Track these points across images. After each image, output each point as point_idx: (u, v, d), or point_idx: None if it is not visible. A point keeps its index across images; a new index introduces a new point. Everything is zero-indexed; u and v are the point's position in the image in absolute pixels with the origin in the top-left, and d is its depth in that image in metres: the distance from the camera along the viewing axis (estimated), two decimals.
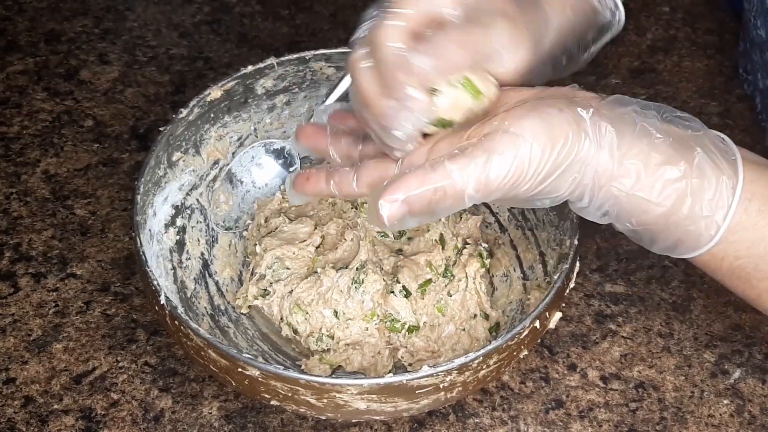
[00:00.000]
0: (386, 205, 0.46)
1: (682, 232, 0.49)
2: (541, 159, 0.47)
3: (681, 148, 0.48)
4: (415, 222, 0.47)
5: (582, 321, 0.66)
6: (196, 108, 0.64)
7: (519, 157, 0.46)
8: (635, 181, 0.48)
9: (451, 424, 0.60)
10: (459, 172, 0.46)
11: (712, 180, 0.48)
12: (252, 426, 0.60)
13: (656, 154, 0.48)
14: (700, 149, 0.48)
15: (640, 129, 0.48)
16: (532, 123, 0.47)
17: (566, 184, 0.48)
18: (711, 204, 0.48)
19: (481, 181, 0.46)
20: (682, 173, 0.48)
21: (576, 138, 0.47)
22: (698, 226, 0.48)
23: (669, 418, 0.60)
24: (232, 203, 0.68)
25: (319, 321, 0.61)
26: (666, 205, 0.48)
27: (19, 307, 0.66)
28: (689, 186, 0.48)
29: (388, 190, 0.46)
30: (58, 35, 0.87)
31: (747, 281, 0.51)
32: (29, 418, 0.60)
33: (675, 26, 0.88)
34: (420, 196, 0.46)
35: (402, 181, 0.47)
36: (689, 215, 0.48)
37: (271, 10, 0.90)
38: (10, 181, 0.74)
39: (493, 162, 0.46)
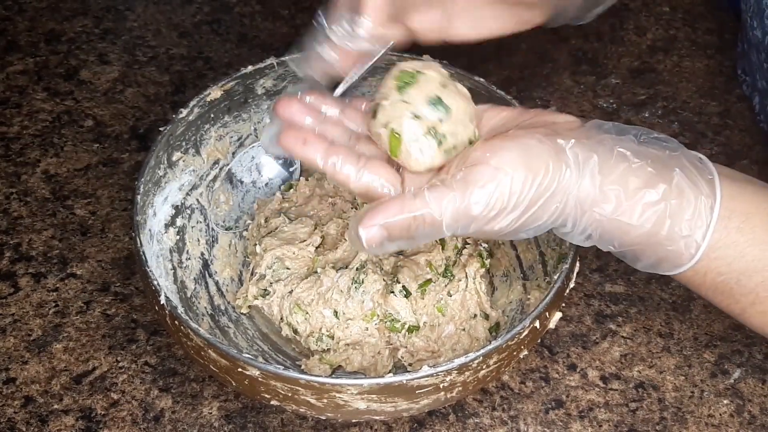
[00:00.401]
0: (364, 231, 0.47)
1: (663, 251, 0.50)
2: (521, 191, 0.47)
3: (659, 170, 0.49)
4: (394, 246, 0.48)
5: (582, 321, 0.66)
6: (196, 108, 0.64)
7: (499, 189, 0.47)
8: (615, 206, 0.48)
9: (451, 424, 0.60)
10: (436, 202, 0.47)
11: (691, 200, 0.49)
12: (252, 426, 0.60)
13: (635, 178, 0.49)
14: (678, 169, 0.49)
15: (618, 154, 0.49)
16: (511, 155, 0.48)
17: (548, 213, 0.49)
18: (690, 224, 0.49)
19: (460, 212, 0.47)
20: (660, 196, 0.48)
21: (557, 168, 0.48)
22: (678, 245, 0.49)
23: (669, 417, 0.60)
24: (232, 203, 0.68)
25: (319, 321, 0.61)
26: (646, 227, 0.49)
27: (19, 307, 0.66)
28: (668, 207, 0.48)
29: (367, 216, 0.47)
30: (58, 35, 0.87)
31: (730, 296, 0.52)
32: (29, 418, 0.60)
33: (675, 26, 0.89)
34: (399, 222, 0.47)
35: (382, 207, 0.48)
36: (669, 236, 0.49)
37: (271, 10, 0.90)
38: (10, 181, 0.74)
39: (473, 194, 0.47)
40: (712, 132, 0.79)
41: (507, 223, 0.48)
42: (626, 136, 0.51)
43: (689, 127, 0.79)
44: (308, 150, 0.51)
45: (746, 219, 0.49)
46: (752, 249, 0.49)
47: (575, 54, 0.85)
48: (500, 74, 0.82)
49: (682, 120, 0.80)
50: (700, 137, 0.78)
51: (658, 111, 0.81)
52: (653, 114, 0.80)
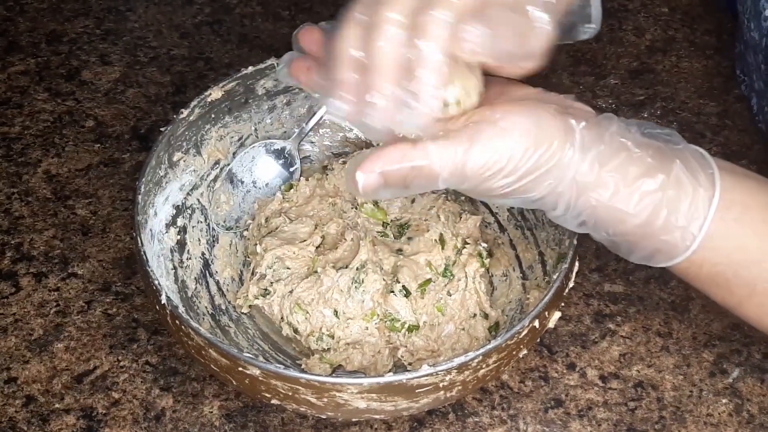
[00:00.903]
0: (363, 176, 0.47)
1: (658, 241, 0.50)
2: (521, 158, 0.47)
3: (660, 161, 0.49)
4: (388, 194, 0.48)
5: (581, 320, 0.66)
6: (196, 108, 0.64)
7: (499, 151, 0.47)
8: (613, 192, 0.48)
9: (451, 423, 0.60)
10: (438, 155, 0.47)
11: (689, 191, 0.49)
12: (252, 425, 0.60)
13: (634, 167, 0.49)
14: (679, 161, 0.49)
15: (621, 144, 0.49)
16: (521, 120, 0.48)
17: (541, 187, 0.48)
18: (687, 215, 0.49)
19: (458, 167, 0.47)
20: (659, 185, 0.48)
21: (561, 146, 0.48)
22: (674, 236, 0.49)
23: (668, 417, 0.61)
24: (233, 203, 0.68)
25: (319, 320, 0.62)
26: (642, 216, 0.49)
27: (21, 306, 0.66)
28: (665, 197, 0.48)
29: (367, 161, 0.47)
30: (59, 36, 0.87)
31: (726, 288, 0.51)
32: (30, 417, 0.60)
33: (674, 27, 0.89)
34: (397, 171, 0.47)
35: (382, 153, 0.47)
36: (665, 226, 0.49)
37: (271, 11, 0.90)
38: (12, 181, 0.74)
39: (473, 151, 0.47)
40: (710, 132, 0.79)
41: (499, 185, 0.48)
42: (631, 127, 0.50)
43: (688, 127, 0.79)
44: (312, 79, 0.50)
45: (744, 210, 0.49)
46: (750, 240, 0.49)
47: (574, 54, 0.86)
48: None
49: (680, 120, 0.80)
50: (699, 137, 0.79)
51: (657, 111, 0.81)
52: (652, 114, 0.80)
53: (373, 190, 0.48)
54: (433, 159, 0.47)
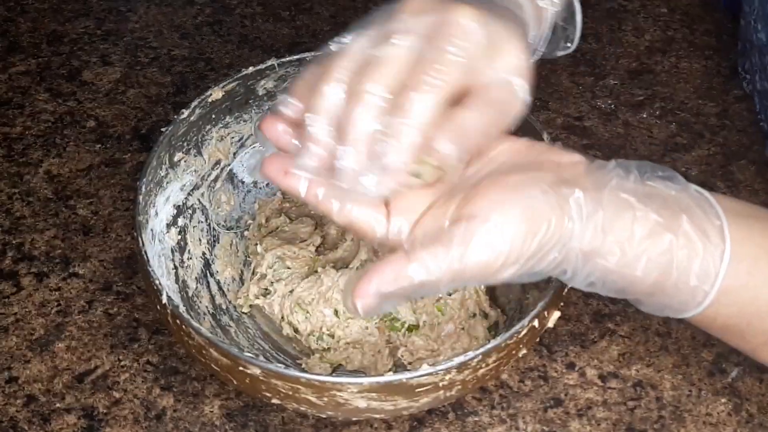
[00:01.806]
0: (360, 301, 0.46)
1: (669, 300, 0.48)
2: (522, 246, 0.46)
3: (666, 217, 0.47)
4: (389, 306, 0.48)
5: (580, 320, 0.66)
6: (197, 109, 0.64)
7: (498, 248, 0.45)
8: (620, 257, 0.47)
9: (451, 422, 0.60)
10: (435, 266, 0.45)
11: (699, 249, 0.47)
12: (253, 424, 0.60)
13: (640, 228, 0.47)
14: (686, 217, 0.47)
15: (623, 201, 0.47)
16: (514, 209, 0.46)
17: (546, 263, 0.47)
18: (698, 274, 0.47)
19: (457, 273, 0.45)
20: (667, 246, 0.47)
21: (559, 222, 0.46)
22: (685, 296, 0.48)
23: (667, 416, 0.61)
24: (234, 203, 0.68)
25: (319, 320, 0.62)
26: (651, 278, 0.47)
27: (22, 306, 0.66)
28: (675, 258, 0.47)
29: (361, 285, 0.46)
30: (60, 36, 0.87)
31: (741, 338, 0.51)
32: (31, 416, 0.60)
33: (673, 27, 0.89)
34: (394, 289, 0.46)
35: (376, 273, 0.46)
36: (675, 286, 0.47)
37: (271, 11, 0.90)
38: (13, 181, 0.74)
39: (471, 254, 0.45)
40: (709, 132, 0.79)
41: (504, 276, 0.46)
42: (630, 175, 0.48)
43: (687, 127, 0.80)
44: (290, 180, 0.48)
45: (756, 262, 0.48)
46: (762, 291, 0.48)
47: (573, 55, 0.86)
48: None
49: (679, 120, 0.80)
50: (698, 138, 0.79)
51: (656, 111, 0.81)
52: (651, 114, 0.81)
53: (374, 310, 0.46)
54: (431, 271, 0.45)
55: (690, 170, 0.76)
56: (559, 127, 0.79)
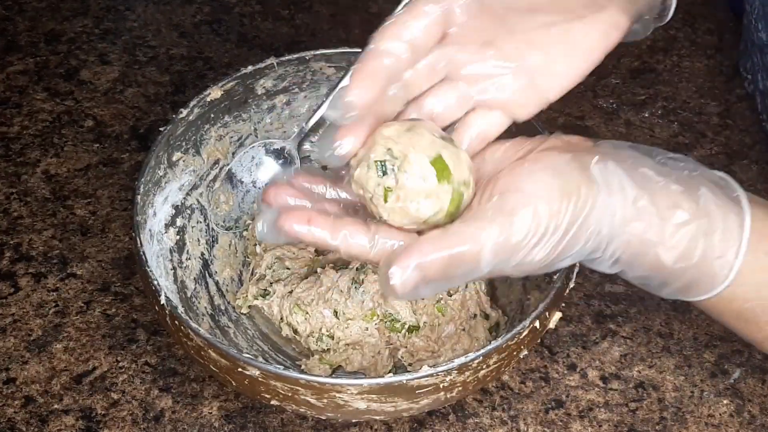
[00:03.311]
0: (398, 272, 0.43)
1: (696, 274, 0.47)
2: (558, 213, 0.45)
3: (686, 188, 0.47)
4: (429, 291, 0.45)
5: (582, 321, 0.66)
6: (196, 108, 0.64)
7: (537, 214, 0.44)
8: (647, 225, 0.46)
9: (451, 423, 0.60)
10: (474, 236, 0.44)
11: (719, 220, 0.47)
12: (252, 426, 0.60)
13: (663, 198, 0.47)
14: (704, 188, 0.47)
15: (642, 173, 0.47)
16: (544, 178, 0.45)
17: (585, 236, 0.46)
18: (721, 244, 0.47)
19: (500, 244, 0.44)
20: (690, 215, 0.46)
21: (589, 188, 0.46)
22: (713, 267, 0.47)
23: (669, 417, 0.60)
24: (232, 203, 0.68)
25: (319, 321, 0.61)
26: (679, 248, 0.47)
27: (20, 307, 0.66)
28: (700, 228, 0.46)
29: (400, 256, 0.43)
30: (58, 35, 0.87)
31: (755, 324, 0.50)
32: (29, 418, 0.60)
33: (675, 26, 0.89)
34: (434, 261, 0.43)
35: (415, 246, 0.44)
36: (703, 257, 0.47)
37: (271, 10, 0.90)
38: (11, 181, 0.74)
39: (513, 223, 0.44)
40: (711, 132, 0.79)
41: (547, 251, 0.45)
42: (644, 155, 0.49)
43: (689, 127, 0.79)
44: (315, 229, 0.46)
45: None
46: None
47: None
48: None
49: (681, 120, 0.80)
50: (700, 137, 0.78)
51: (658, 111, 0.81)
52: (653, 114, 0.80)
53: (413, 288, 0.43)
54: (470, 241, 0.44)
55: None
56: (560, 127, 0.79)
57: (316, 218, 0.46)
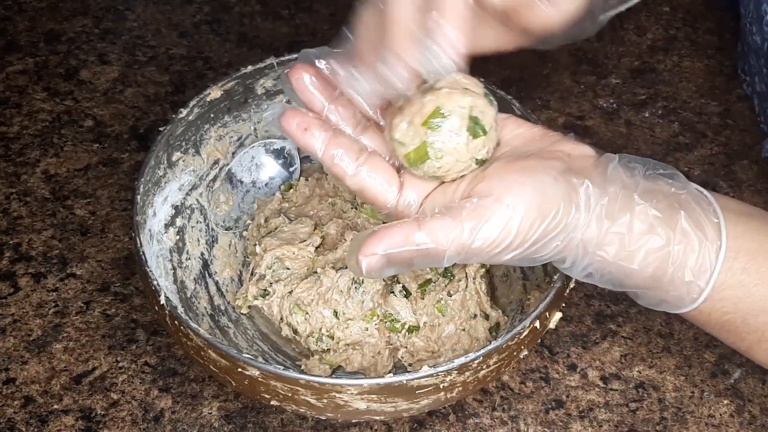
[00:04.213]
0: (365, 259, 0.46)
1: (665, 295, 0.49)
2: (529, 230, 0.46)
3: (665, 213, 0.48)
4: (392, 271, 0.47)
5: (582, 321, 0.66)
6: (195, 108, 0.64)
7: (507, 227, 0.46)
8: (618, 249, 0.48)
9: (451, 424, 0.60)
10: (443, 235, 0.46)
11: (695, 245, 0.48)
12: (252, 426, 0.60)
13: (639, 223, 0.48)
14: (684, 213, 0.48)
15: (626, 196, 0.48)
16: (525, 193, 0.47)
17: (549, 249, 0.48)
18: (694, 270, 0.48)
19: (464, 246, 0.46)
20: (664, 241, 0.48)
21: (566, 210, 0.47)
22: (680, 291, 0.49)
23: (669, 418, 0.60)
24: (232, 203, 0.68)
25: (318, 321, 0.61)
26: (648, 272, 0.48)
27: (19, 307, 0.66)
28: (671, 254, 0.48)
29: (368, 243, 0.46)
30: (57, 35, 0.87)
31: (736, 334, 0.51)
32: (29, 418, 0.60)
33: (675, 26, 0.88)
34: (401, 253, 0.46)
35: (385, 234, 0.46)
36: (671, 281, 0.48)
37: (270, 9, 0.90)
38: (10, 181, 0.74)
39: (480, 230, 0.46)
40: (712, 132, 0.79)
41: (508, 257, 0.47)
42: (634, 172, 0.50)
43: (689, 126, 0.79)
44: (308, 137, 0.49)
45: (751, 258, 0.49)
46: (758, 289, 0.49)
47: (575, 54, 0.85)
48: (500, 74, 0.82)
49: (682, 120, 0.80)
50: (701, 137, 0.78)
51: (659, 111, 0.81)
52: (653, 114, 0.80)
53: (377, 271, 0.47)
54: (439, 240, 0.46)
55: (692, 170, 0.75)
56: (560, 127, 0.79)
57: (313, 128, 0.49)
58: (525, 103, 0.74)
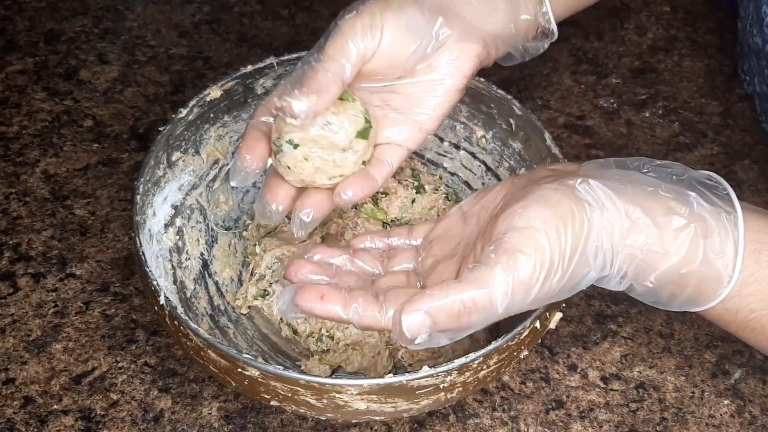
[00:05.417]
0: (407, 318, 0.44)
1: (701, 278, 0.48)
2: (558, 240, 0.45)
3: (676, 195, 0.48)
4: (445, 339, 0.46)
5: (582, 321, 0.66)
6: (195, 108, 0.64)
7: (539, 247, 0.45)
8: (645, 235, 0.47)
9: (452, 424, 0.60)
10: (482, 280, 0.44)
11: (712, 221, 0.48)
12: (252, 426, 0.59)
13: (656, 206, 0.47)
14: (694, 193, 0.48)
15: (631, 185, 0.48)
16: (535, 211, 0.46)
17: (591, 257, 0.47)
18: (720, 243, 0.47)
19: (510, 284, 0.45)
20: (687, 219, 0.47)
21: (580, 209, 0.46)
22: (715, 268, 0.48)
23: (669, 418, 0.60)
24: (232, 203, 0.68)
25: (318, 321, 0.61)
26: (681, 253, 0.47)
27: (19, 307, 0.66)
28: (697, 231, 0.47)
29: (411, 302, 0.45)
30: (57, 35, 0.86)
31: (761, 332, 0.51)
32: (29, 418, 0.59)
33: (675, 26, 0.88)
34: (444, 307, 0.44)
35: (424, 294, 0.45)
36: (705, 259, 0.48)
37: (270, 9, 0.90)
38: (10, 181, 0.74)
39: (517, 260, 0.45)
40: (712, 132, 0.79)
41: (557, 279, 0.46)
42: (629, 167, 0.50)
43: (690, 126, 0.79)
44: (327, 304, 0.48)
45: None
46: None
47: (575, 54, 0.85)
48: (500, 74, 0.82)
49: (682, 120, 0.80)
50: (701, 137, 0.78)
51: (659, 111, 0.80)
52: (654, 114, 0.80)
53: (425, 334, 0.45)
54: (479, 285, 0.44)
55: None
56: (561, 127, 0.79)
57: (328, 294, 0.48)
58: (525, 103, 0.74)
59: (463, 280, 0.45)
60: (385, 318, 0.47)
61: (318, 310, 0.48)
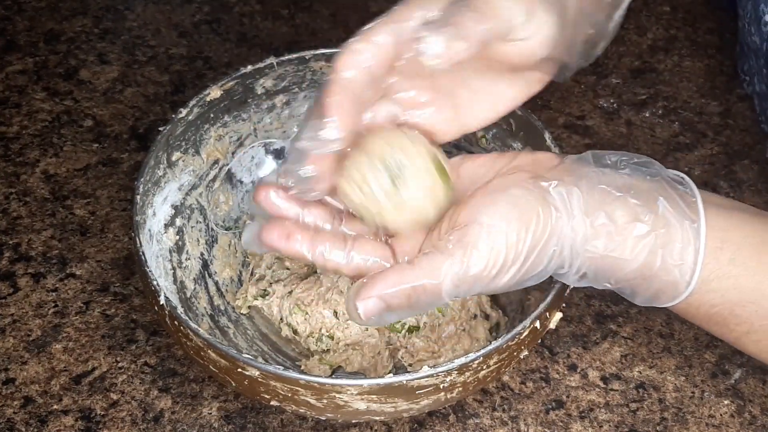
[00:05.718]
0: (361, 304, 0.46)
1: (660, 283, 0.49)
2: (517, 242, 0.47)
3: (644, 201, 0.49)
4: (394, 317, 0.47)
5: (582, 321, 0.66)
6: (195, 108, 0.64)
7: (495, 247, 0.46)
8: (606, 241, 0.48)
9: (452, 424, 0.60)
10: (434, 270, 0.46)
11: (677, 228, 0.48)
12: (252, 426, 0.59)
13: (621, 212, 0.48)
14: (662, 198, 0.49)
15: (600, 191, 0.49)
16: (500, 209, 0.47)
17: (547, 258, 0.48)
18: (681, 252, 0.48)
19: (460, 276, 0.46)
20: (650, 227, 0.48)
21: (546, 214, 0.47)
22: (674, 275, 0.49)
23: (669, 418, 0.60)
24: (232, 203, 0.68)
25: (318, 321, 0.61)
26: (640, 260, 0.48)
27: (19, 307, 0.66)
28: (658, 238, 0.48)
29: (363, 288, 0.47)
30: (57, 35, 0.86)
31: (725, 326, 0.52)
32: (28, 418, 0.59)
33: (675, 26, 0.88)
34: (397, 293, 0.46)
35: (378, 278, 0.47)
36: (663, 266, 0.49)
37: (270, 9, 0.90)
38: (10, 181, 0.74)
39: (471, 256, 0.46)
40: (712, 132, 0.79)
41: (509, 276, 0.47)
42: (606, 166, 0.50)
43: (690, 126, 0.79)
44: (293, 244, 0.49)
45: (737, 249, 0.49)
46: (745, 280, 0.49)
47: None
48: None
49: (682, 120, 0.80)
50: (701, 137, 0.78)
51: (659, 111, 0.80)
52: (654, 114, 0.80)
53: (376, 316, 0.47)
54: (431, 275, 0.46)
55: (693, 170, 0.75)
56: (560, 127, 0.79)
57: (294, 233, 0.49)
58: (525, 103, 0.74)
59: (416, 266, 0.47)
60: (349, 265, 0.49)
61: (283, 248, 0.49)
